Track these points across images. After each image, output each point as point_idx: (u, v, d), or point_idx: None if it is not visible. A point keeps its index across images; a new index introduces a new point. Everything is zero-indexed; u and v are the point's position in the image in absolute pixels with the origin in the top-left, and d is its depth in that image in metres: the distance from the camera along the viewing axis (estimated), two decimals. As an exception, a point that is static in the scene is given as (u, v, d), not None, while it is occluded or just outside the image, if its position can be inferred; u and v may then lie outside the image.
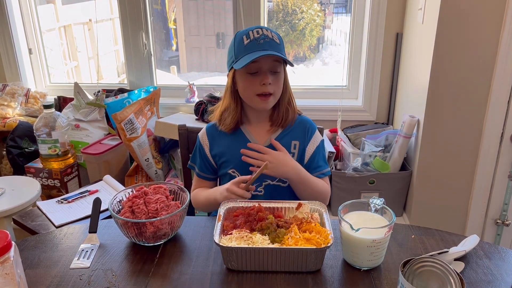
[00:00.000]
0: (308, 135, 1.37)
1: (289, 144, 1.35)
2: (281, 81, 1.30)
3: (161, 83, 2.66)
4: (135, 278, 0.98)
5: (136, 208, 1.10)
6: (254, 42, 1.23)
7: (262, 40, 1.23)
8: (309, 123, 1.40)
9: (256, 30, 1.25)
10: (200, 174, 1.42)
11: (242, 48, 1.25)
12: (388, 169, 2.11)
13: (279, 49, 1.25)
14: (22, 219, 1.61)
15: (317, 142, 1.38)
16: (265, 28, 1.26)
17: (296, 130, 1.37)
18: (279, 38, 1.28)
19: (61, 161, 2.22)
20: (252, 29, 1.26)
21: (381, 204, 1.04)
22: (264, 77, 1.24)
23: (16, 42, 2.61)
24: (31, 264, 1.03)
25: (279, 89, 1.29)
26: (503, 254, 1.05)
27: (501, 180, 2.00)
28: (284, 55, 1.26)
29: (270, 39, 1.24)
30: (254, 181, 1.29)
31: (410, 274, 0.84)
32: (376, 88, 2.40)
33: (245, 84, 1.28)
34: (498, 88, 1.85)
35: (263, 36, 1.24)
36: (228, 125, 1.34)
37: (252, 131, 1.36)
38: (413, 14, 2.12)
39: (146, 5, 2.44)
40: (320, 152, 1.39)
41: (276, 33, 1.28)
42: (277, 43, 1.25)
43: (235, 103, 1.33)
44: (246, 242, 0.99)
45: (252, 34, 1.24)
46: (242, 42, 1.25)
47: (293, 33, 3.00)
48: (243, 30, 1.28)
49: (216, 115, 1.37)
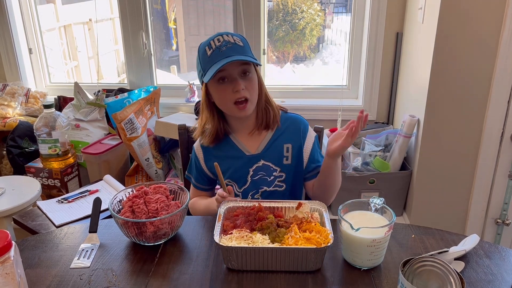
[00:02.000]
0: (302, 134, 1.35)
1: (282, 148, 1.33)
2: (254, 82, 1.26)
3: (161, 82, 2.66)
4: (135, 278, 0.98)
5: (136, 208, 1.10)
6: (217, 51, 1.20)
7: (224, 47, 1.20)
8: (301, 122, 1.37)
9: (217, 38, 1.22)
10: (196, 185, 1.42)
11: (206, 59, 1.22)
12: (388, 168, 2.11)
13: (244, 51, 1.22)
14: (23, 219, 1.61)
15: (312, 139, 1.36)
16: (225, 34, 1.22)
17: (287, 131, 1.35)
18: (243, 40, 1.24)
19: (61, 161, 2.22)
20: (212, 38, 1.23)
21: (381, 203, 1.04)
22: (236, 83, 1.21)
23: (16, 42, 2.61)
24: (31, 264, 1.03)
25: (254, 91, 1.26)
26: (503, 254, 1.05)
27: (501, 179, 2.00)
28: (250, 56, 1.23)
29: (233, 43, 1.21)
30: (250, 189, 1.31)
31: (410, 274, 0.84)
32: (376, 88, 2.40)
33: (219, 95, 1.25)
34: (498, 88, 1.85)
35: (224, 42, 1.20)
36: (208, 138, 1.32)
37: (241, 139, 1.34)
38: (413, 14, 2.12)
39: (146, 5, 2.44)
40: (316, 147, 1.38)
41: (238, 36, 1.25)
42: (240, 46, 1.22)
43: (212, 116, 1.31)
44: (246, 241, 0.99)
45: (214, 43, 1.21)
46: (205, 54, 1.22)
47: (293, 32, 3.00)
48: (205, 41, 1.25)
49: (198, 132, 1.35)
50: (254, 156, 1.32)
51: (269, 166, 1.32)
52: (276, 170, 1.32)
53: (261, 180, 1.33)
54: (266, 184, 1.33)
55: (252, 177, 1.33)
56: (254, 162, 1.32)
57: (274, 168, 1.32)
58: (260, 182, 1.33)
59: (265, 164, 1.32)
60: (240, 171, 1.32)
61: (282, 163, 1.32)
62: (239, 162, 1.32)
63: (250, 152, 1.32)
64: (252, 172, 1.32)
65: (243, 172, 1.32)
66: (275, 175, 1.33)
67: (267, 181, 1.33)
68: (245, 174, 1.32)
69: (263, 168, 1.32)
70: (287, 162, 1.33)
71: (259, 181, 1.33)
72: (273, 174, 1.32)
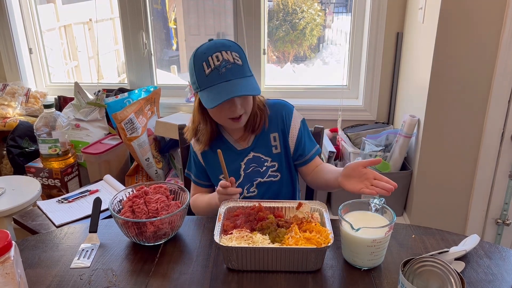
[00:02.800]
0: (286, 121, 1.33)
1: (268, 139, 1.33)
2: (250, 98, 1.25)
3: (161, 82, 2.66)
4: (135, 278, 0.98)
5: (136, 208, 1.10)
6: (216, 72, 1.15)
7: (223, 68, 1.15)
8: (283, 107, 1.34)
9: (216, 55, 1.15)
10: (196, 181, 1.42)
11: (204, 78, 1.17)
12: (389, 168, 2.11)
13: (243, 71, 1.18)
14: (23, 219, 1.61)
15: (298, 124, 1.34)
16: (224, 51, 1.16)
17: (272, 121, 1.33)
18: (240, 54, 1.19)
19: (61, 161, 2.22)
20: (210, 53, 1.16)
21: (381, 203, 1.04)
22: (233, 107, 1.19)
23: (16, 41, 2.61)
24: (31, 264, 1.03)
25: (249, 106, 1.24)
26: (503, 254, 1.05)
27: (501, 179, 2.00)
28: (248, 75, 1.19)
29: (232, 64, 1.16)
30: (245, 183, 1.31)
31: (411, 274, 0.84)
32: (376, 88, 2.40)
33: (214, 112, 1.24)
34: (498, 88, 1.85)
35: (223, 62, 1.15)
36: (205, 144, 1.32)
37: (231, 137, 1.34)
38: (414, 14, 2.12)
39: (146, 5, 2.44)
40: (304, 133, 1.35)
41: (235, 49, 1.19)
42: (239, 66, 1.17)
43: (205, 123, 1.30)
44: (246, 241, 0.99)
45: (212, 61, 1.15)
46: (202, 70, 1.17)
47: (293, 32, 3.00)
48: (202, 52, 1.18)
49: (190, 135, 1.35)
50: (244, 150, 1.33)
51: (260, 157, 1.33)
52: (267, 160, 1.33)
53: (254, 172, 1.34)
54: (260, 175, 1.33)
55: (245, 171, 1.34)
56: (244, 156, 1.33)
57: (265, 159, 1.33)
58: (253, 174, 1.34)
59: (255, 155, 1.33)
60: (232, 166, 1.32)
61: (272, 153, 1.33)
62: (230, 157, 1.32)
63: (241, 147, 1.34)
64: (244, 165, 1.33)
65: (235, 167, 1.33)
66: (267, 165, 1.33)
67: (260, 172, 1.34)
68: (238, 169, 1.33)
69: (254, 160, 1.33)
70: (277, 151, 1.33)
71: (252, 173, 1.34)
72: (265, 164, 1.33)
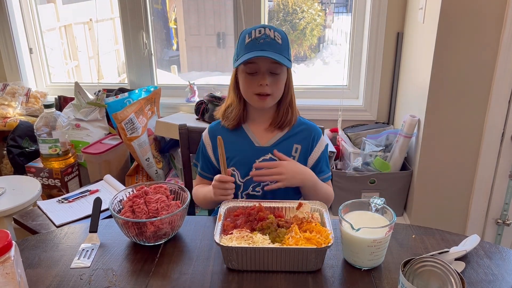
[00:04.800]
0: (313, 141, 1.36)
1: (291, 147, 1.34)
2: (281, 82, 1.28)
3: (161, 82, 2.66)
4: (135, 278, 0.98)
5: (136, 208, 1.10)
6: (254, 41, 1.23)
7: (262, 40, 1.23)
8: (315, 131, 1.38)
9: (259, 29, 1.24)
10: (201, 173, 1.42)
11: (243, 46, 1.25)
12: (389, 168, 2.11)
13: (280, 49, 1.24)
14: (23, 219, 1.61)
15: (322, 147, 1.37)
16: (268, 28, 1.25)
17: (300, 134, 1.36)
18: (283, 37, 1.26)
19: (61, 161, 2.22)
20: (256, 28, 1.25)
21: (381, 203, 1.04)
22: (262, 78, 1.25)
23: (16, 41, 2.61)
24: (31, 264, 1.03)
25: (278, 90, 1.29)
26: (503, 254, 1.05)
27: (501, 179, 2.00)
28: (285, 55, 1.25)
29: (271, 39, 1.23)
30: (253, 181, 1.30)
31: (411, 274, 0.84)
32: (376, 88, 2.40)
33: (244, 83, 1.28)
34: (498, 88, 1.85)
35: (264, 36, 1.23)
36: (231, 121, 1.34)
37: (254, 130, 1.36)
38: (414, 14, 2.12)
39: (147, 5, 2.44)
40: (324, 157, 1.38)
41: (280, 32, 1.27)
42: (278, 43, 1.24)
43: (238, 100, 1.34)
44: (246, 241, 0.99)
45: (254, 33, 1.24)
46: (244, 41, 1.25)
47: (293, 32, 3.00)
48: (249, 28, 1.27)
49: (221, 112, 1.38)
50: (263, 148, 1.33)
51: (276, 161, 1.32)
52: None
53: None
54: None
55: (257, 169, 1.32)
56: (262, 154, 1.32)
57: None
58: None
59: (273, 158, 1.32)
60: (246, 161, 1.32)
61: None
62: (247, 151, 1.33)
63: (260, 144, 1.33)
64: None
65: (249, 162, 1.32)
66: None
67: None
68: (251, 165, 1.31)
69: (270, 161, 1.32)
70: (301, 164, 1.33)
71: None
72: None
